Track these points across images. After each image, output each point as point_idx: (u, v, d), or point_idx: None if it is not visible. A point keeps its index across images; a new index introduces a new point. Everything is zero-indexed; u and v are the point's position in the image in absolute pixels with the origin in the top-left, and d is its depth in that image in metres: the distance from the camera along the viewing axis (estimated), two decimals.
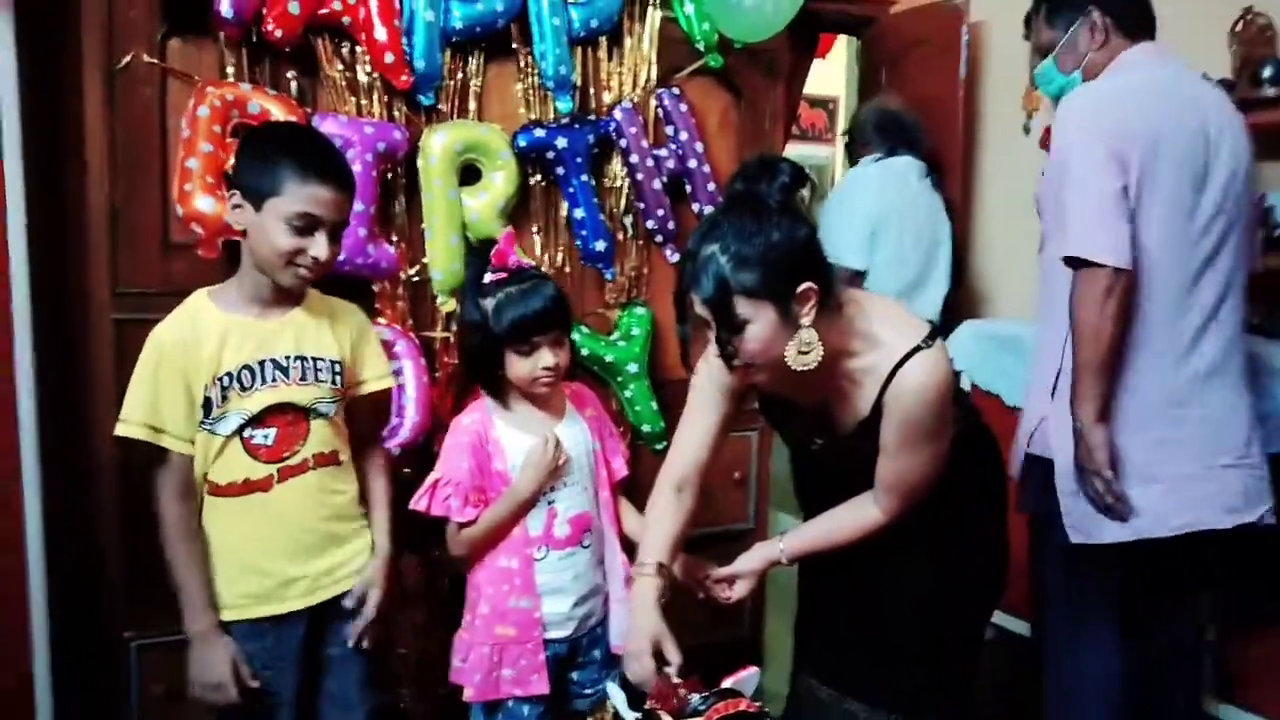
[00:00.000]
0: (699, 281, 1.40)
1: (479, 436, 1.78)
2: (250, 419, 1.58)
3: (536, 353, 1.74)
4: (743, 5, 2.36)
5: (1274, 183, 3.00)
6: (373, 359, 1.78)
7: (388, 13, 2.06)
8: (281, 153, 1.54)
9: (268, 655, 1.64)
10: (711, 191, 2.55)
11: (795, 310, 1.40)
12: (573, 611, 1.83)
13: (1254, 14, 3.04)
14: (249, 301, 1.61)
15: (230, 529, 1.62)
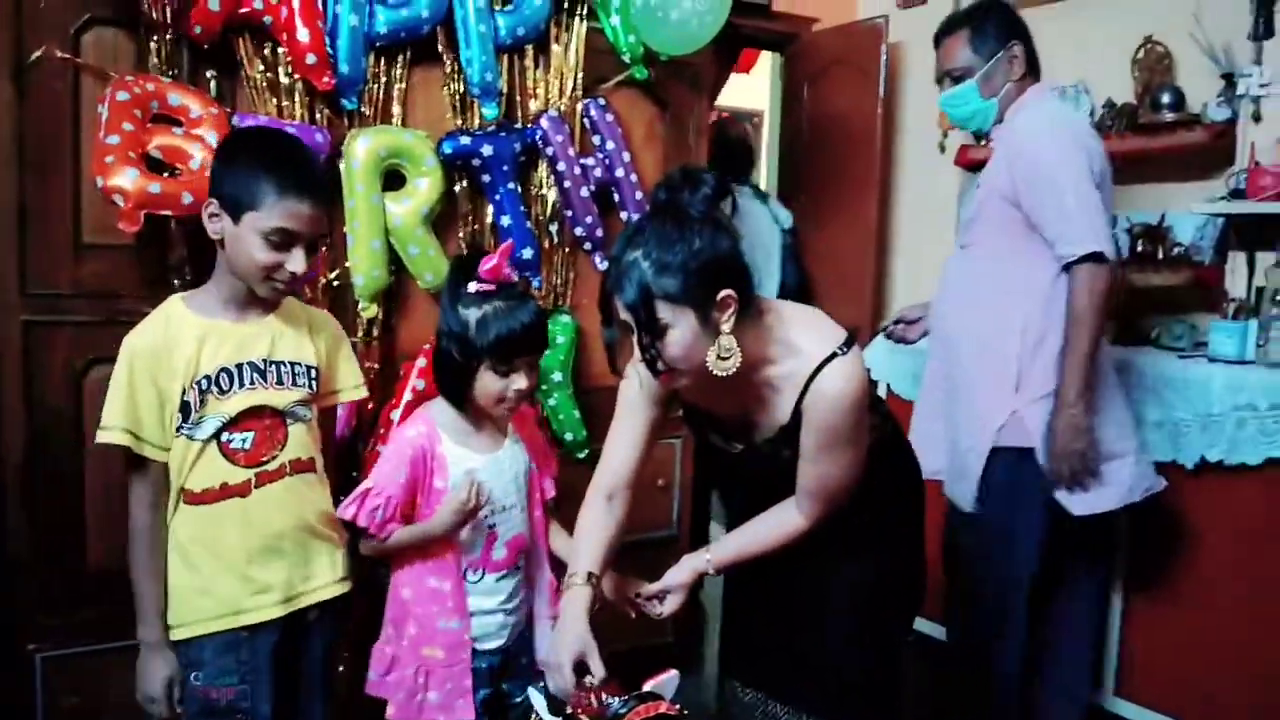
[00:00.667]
0: (622, 286, 1.42)
1: (422, 451, 1.73)
2: (227, 422, 1.56)
3: (513, 374, 1.71)
4: (668, 19, 2.40)
5: (1172, 202, 3.14)
6: (348, 368, 1.77)
7: (310, 14, 2.05)
8: (262, 166, 1.52)
9: (243, 668, 1.60)
10: (640, 200, 2.58)
11: (715, 317, 1.42)
12: (505, 621, 1.81)
13: (1153, 43, 3.18)
14: (225, 306, 1.60)
15: (205, 537, 1.58)
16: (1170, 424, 2.49)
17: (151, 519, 1.57)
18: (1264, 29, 2.80)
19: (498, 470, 1.77)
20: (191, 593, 1.59)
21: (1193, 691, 2.50)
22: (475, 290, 1.70)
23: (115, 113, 1.85)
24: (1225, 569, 2.45)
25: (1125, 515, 2.40)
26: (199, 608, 1.58)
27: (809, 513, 1.61)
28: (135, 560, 1.57)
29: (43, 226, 1.96)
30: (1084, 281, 2.03)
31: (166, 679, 1.57)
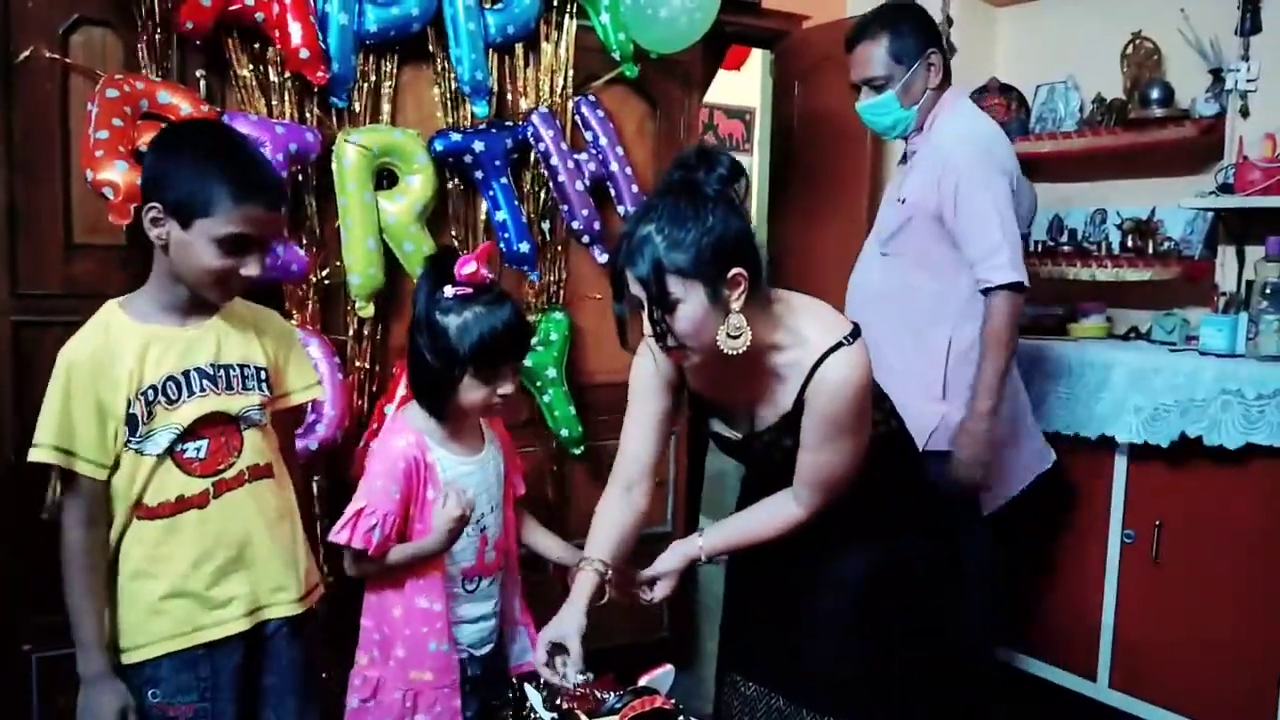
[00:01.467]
0: (634, 260, 1.41)
1: (415, 462, 1.64)
2: (182, 433, 1.47)
3: (497, 380, 1.63)
4: (658, 17, 2.40)
5: (1162, 197, 3.16)
6: (300, 367, 1.68)
7: (301, 10, 2.04)
8: (212, 168, 1.42)
9: (203, 685, 1.52)
10: (636, 193, 2.58)
11: (725, 295, 1.42)
12: (494, 626, 1.79)
13: (1142, 38, 3.20)
14: (164, 310, 1.50)
15: (161, 553, 1.49)
16: (1150, 408, 2.51)
17: (86, 538, 1.46)
18: (1250, 24, 2.81)
19: (484, 473, 1.74)
20: (148, 612, 1.49)
21: (1186, 683, 2.51)
22: (453, 295, 1.61)
23: (104, 109, 1.84)
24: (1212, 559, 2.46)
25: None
26: (156, 628, 1.49)
27: (807, 503, 1.60)
28: (69, 584, 1.46)
29: (33, 226, 1.96)
30: (1003, 307, 2.13)
31: (119, 711, 1.46)
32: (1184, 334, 2.89)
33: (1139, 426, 2.53)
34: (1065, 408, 2.72)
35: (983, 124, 2.28)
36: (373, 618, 1.71)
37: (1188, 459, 2.48)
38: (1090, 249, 3.27)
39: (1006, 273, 2.12)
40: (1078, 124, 3.32)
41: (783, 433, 1.58)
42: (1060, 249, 3.33)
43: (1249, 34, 2.82)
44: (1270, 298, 2.50)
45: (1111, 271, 3.10)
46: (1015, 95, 3.53)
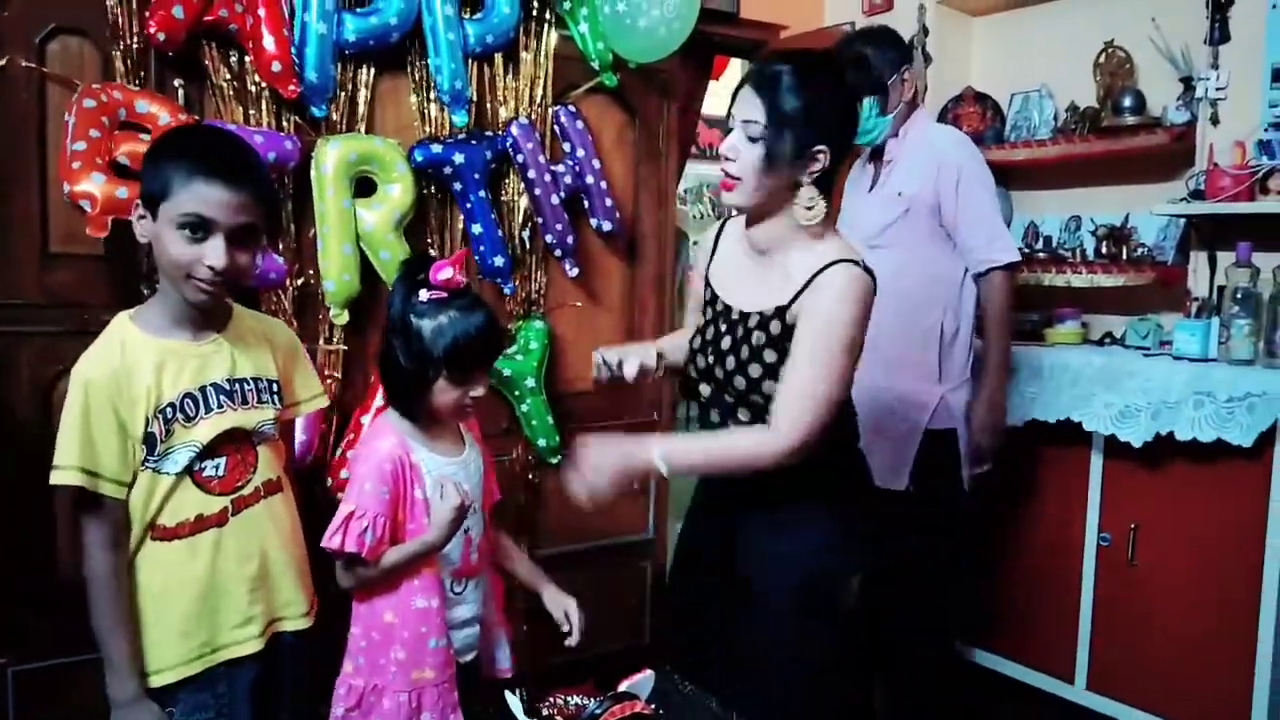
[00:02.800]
0: (757, 81, 1.58)
1: (400, 463, 1.63)
2: (200, 451, 1.45)
3: (469, 382, 1.64)
4: (636, 26, 2.42)
5: (1134, 204, 3.20)
6: (308, 377, 1.68)
7: (276, 22, 2.04)
8: (172, 152, 1.40)
9: (220, 701, 1.51)
10: (609, 207, 2.59)
11: (800, 163, 1.57)
12: (475, 633, 1.77)
13: (1114, 48, 3.24)
14: (176, 323, 1.47)
15: (178, 574, 1.47)
16: (1121, 405, 2.54)
17: (113, 562, 1.42)
18: (1219, 34, 2.86)
19: (466, 473, 1.73)
20: (167, 635, 1.47)
21: (1162, 685, 2.54)
22: (428, 298, 1.61)
23: (82, 120, 1.83)
24: (1187, 562, 2.49)
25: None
26: (175, 651, 1.47)
27: (782, 427, 1.57)
28: (98, 609, 1.43)
29: (9, 237, 1.95)
30: (1002, 286, 2.42)
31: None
32: (1158, 339, 2.92)
33: (1109, 420, 2.56)
34: (1037, 405, 2.75)
35: (959, 133, 2.59)
36: (361, 625, 1.68)
37: (1162, 462, 2.51)
38: (1065, 255, 3.31)
39: (1011, 253, 2.42)
40: (1052, 132, 3.36)
41: (767, 323, 1.64)
42: (1035, 256, 3.36)
43: (1218, 43, 2.86)
44: (1241, 302, 2.54)
45: (1086, 278, 3.14)
46: (990, 104, 3.57)
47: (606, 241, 2.69)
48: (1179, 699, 2.51)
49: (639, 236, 2.83)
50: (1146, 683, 2.58)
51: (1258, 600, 2.35)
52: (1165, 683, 2.53)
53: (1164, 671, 2.54)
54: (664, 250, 2.90)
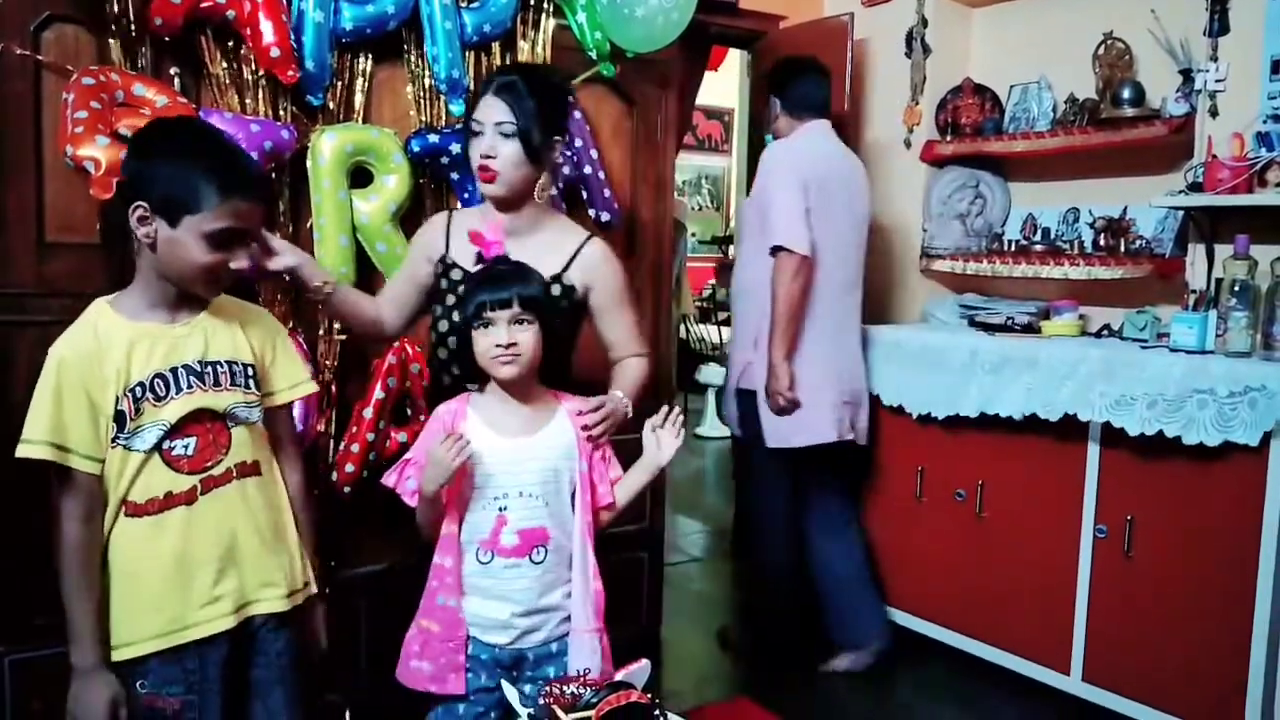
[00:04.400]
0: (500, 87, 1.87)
1: (445, 426, 1.73)
2: (169, 430, 1.49)
3: (492, 328, 1.69)
4: (634, 16, 2.41)
5: (1133, 196, 3.20)
6: (289, 364, 1.69)
7: (274, 8, 2.04)
8: (197, 165, 1.45)
9: (190, 677, 1.53)
10: (608, 197, 2.59)
11: (545, 152, 1.89)
12: (512, 620, 1.74)
13: (1113, 39, 3.23)
14: (152, 307, 1.52)
15: (149, 550, 1.50)
16: (1116, 394, 2.54)
17: (83, 534, 1.46)
18: (1219, 26, 2.85)
19: (518, 456, 1.73)
20: (135, 610, 1.50)
21: (1157, 676, 2.55)
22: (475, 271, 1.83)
23: (81, 94, 1.84)
24: (1183, 553, 2.50)
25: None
26: (145, 626, 1.50)
27: (642, 349, 2.05)
28: (66, 579, 1.47)
29: (5, 226, 1.95)
30: (778, 267, 2.79)
31: (109, 702, 1.47)
32: (1155, 331, 2.92)
33: (1104, 408, 2.56)
34: (1030, 395, 2.75)
35: (800, 146, 2.92)
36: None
37: (1159, 455, 2.52)
38: (1063, 247, 3.31)
39: (775, 240, 2.78)
40: (1051, 123, 3.35)
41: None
42: (1033, 247, 3.36)
43: (1217, 35, 2.86)
44: (1239, 295, 2.54)
45: (1084, 270, 3.14)
46: (989, 95, 3.57)
47: (604, 231, 2.69)
48: (1174, 690, 2.51)
49: (637, 226, 2.83)
50: (1142, 674, 2.58)
51: (1253, 592, 2.36)
52: (1160, 674, 2.54)
53: (1159, 663, 2.54)
54: (662, 240, 2.90)
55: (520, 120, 1.84)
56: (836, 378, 2.92)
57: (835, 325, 2.94)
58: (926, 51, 3.65)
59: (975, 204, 3.63)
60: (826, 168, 2.89)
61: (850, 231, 2.96)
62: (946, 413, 2.98)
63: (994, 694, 2.89)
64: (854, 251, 3.00)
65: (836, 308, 2.93)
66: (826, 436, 2.88)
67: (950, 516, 3.02)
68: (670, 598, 3.24)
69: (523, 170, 1.88)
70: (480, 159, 1.85)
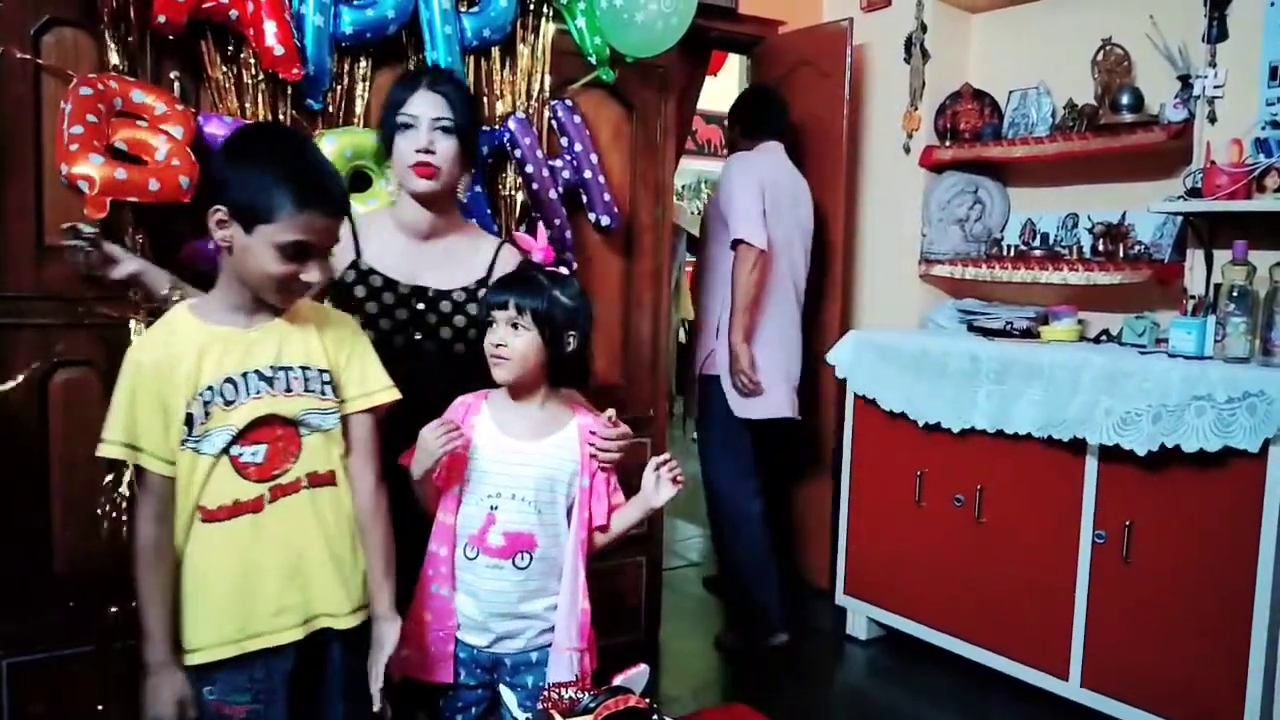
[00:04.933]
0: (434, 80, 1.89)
1: (457, 416, 1.75)
2: (237, 435, 1.49)
3: (494, 327, 1.71)
4: (634, 21, 2.41)
5: (1132, 202, 3.20)
6: (366, 370, 1.64)
7: (276, 7, 2.04)
8: (278, 174, 1.44)
9: (257, 686, 1.53)
10: (607, 201, 2.59)
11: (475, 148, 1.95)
12: (487, 622, 1.74)
13: (1112, 45, 3.24)
14: (232, 311, 1.52)
15: (217, 557, 1.51)
16: (1121, 412, 2.54)
17: (155, 534, 1.49)
18: (1217, 32, 2.85)
19: (516, 458, 1.74)
20: (205, 616, 1.51)
21: (1156, 682, 2.54)
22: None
23: (78, 105, 1.83)
24: (1182, 559, 2.50)
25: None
26: (212, 632, 1.51)
27: None
28: (140, 577, 1.49)
29: (4, 229, 1.94)
30: (738, 259, 3.12)
31: (177, 700, 1.49)
32: (1154, 336, 2.92)
33: (1110, 428, 2.56)
34: (1039, 410, 2.74)
35: (756, 159, 3.30)
36: None
37: (1157, 460, 2.51)
38: (1062, 253, 3.31)
39: (737, 234, 3.10)
40: (1049, 129, 3.36)
41: (472, 295, 1.93)
42: (1032, 253, 3.36)
43: (1216, 41, 2.86)
44: (1237, 301, 2.54)
45: (1083, 275, 3.14)
46: (988, 101, 3.57)
47: (604, 236, 2.69)
48: (1173, 696, 2.51)
49: (636, 231, 2.83)
50: (1140, 680, 2.58)
51: (1251, 598, 2.35)
52: (1159, 680, 2.54)
53: (1158, 668, 2.54)
54: (661, 245, 2.90)
55: (459, 117, 1.85)
56: (785, 364, 3.33)
57: (787, 320, 3.35)
58: (926, 57, 3.66)
59: (974, 209, 3.63)
60: (778, 180, 3.28)
61: (798, 239, 3.36)
62: (961, 426, 2.94)
63: (992, 699, 2.88)
64: (801, 256, 3.40)
65: (786, 306, 3.34)
66: (783, 412, 3.29)
67: (949, 521, 3.02)
68: (668, 602, 3.24)
69: (458, 168, 1.88)
70: (417, 154, 1.83)
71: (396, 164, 1.87)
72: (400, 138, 1.84)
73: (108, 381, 2.01)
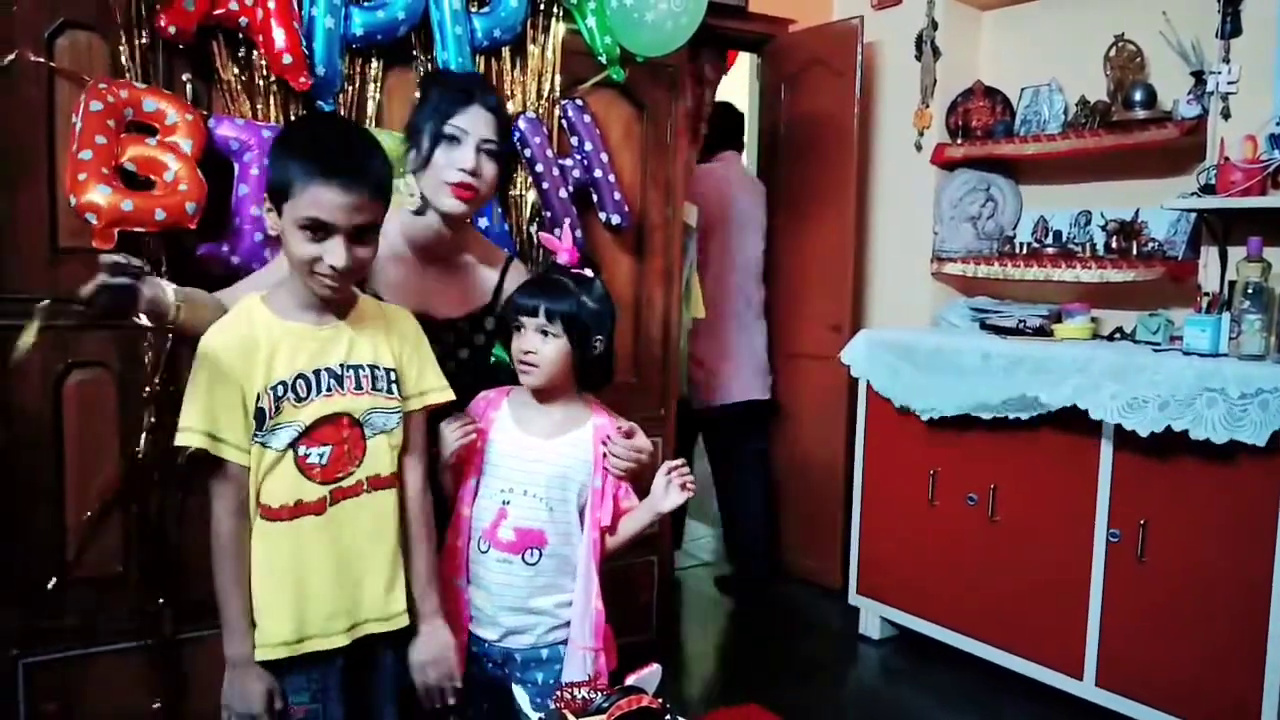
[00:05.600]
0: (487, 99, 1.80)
1: (478, 409, 1.77)
2: (304, 433, 1.48)
3: (522, 333, 1.70)
4: (644, 20, 2.41)
5: (1145, 199, 3.18)
6: (424, 370, 1.64)
7: (286, 15, 2.04)
8: (294, 149, 1.43)
9: (314, 686, 1.53)
10: (618, 200, 2.59)
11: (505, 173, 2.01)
12: (497, 616, 1.75)
13: (1125, 41, 3.22)
14: (302, 308, 1.51)
15: (278, 556, 1.50)
16: (1126, 396, 2.52)
17: (236, 526, 1.47)
18: (1231, 27, 2.83)
19: (531, 455, 1.75)
20: (263, 615, 1.50)
21: (1172, 681, 2.53)
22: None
23: (88, 125, 1.84)
24: (1197, 558, 2.48)
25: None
26: (269, 632, 1.50)
27: None
28: (220, 570, 1.47)
29: (19, 231, 1.95)
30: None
31: (266, 692, 1.48)
32: (1168, 334, 2.90)
33: (1117, 410, 2.54)
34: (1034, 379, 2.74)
35: (719, 167, 3.84)
36: None
37: (1171, 457, 2.50)
38: (1075, 250, 3.29)
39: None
40: (1062, 126, 3.34)
41: (481, 320, 1.88)
42: (1045, 250, 3.35)
43: (1229, 37, 2.84)
44: (1252, 297, 2.52)
45: (1096, 273, 3.12)
46: (1000, 98, 3.56)
47: (614, 235, 2.69)
48: (1188, 695, 2.50)
49: (647, 230, 2.83)
50: (1156, 679, 2.57)
51: (1268, 596, 2.34)
52: (1175, 679, 2.52)
53: (1174, 668, 2.53)
54: (672, 244, 2.90)
55: (503, 140, 1.76)
56: (750, 353, 3.79)
57: (754, 314, 3.83)
58: (936, 54, 3.65)
59: (986, 207, 3.62)
60: (740, 188, 3.79)
61: (758, 240, 3.83)
62: (956, 410, 2.94)
63: (1006, 699, 2.87)
64: (760, 254, 3.85)
65: (753, 301, 3.82)
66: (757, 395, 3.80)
67: (962, 520, 3.01)
68: (680, 602, 3.23)
69: (492, 192, 1.79)
70: (460, 173, 1.71)
71: (430, 176, 1.74)
72: (441, 149, 1.72)
73: (122, 383, 2.06)
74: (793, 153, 3.90)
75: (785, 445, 3.93)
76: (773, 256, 3.91)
